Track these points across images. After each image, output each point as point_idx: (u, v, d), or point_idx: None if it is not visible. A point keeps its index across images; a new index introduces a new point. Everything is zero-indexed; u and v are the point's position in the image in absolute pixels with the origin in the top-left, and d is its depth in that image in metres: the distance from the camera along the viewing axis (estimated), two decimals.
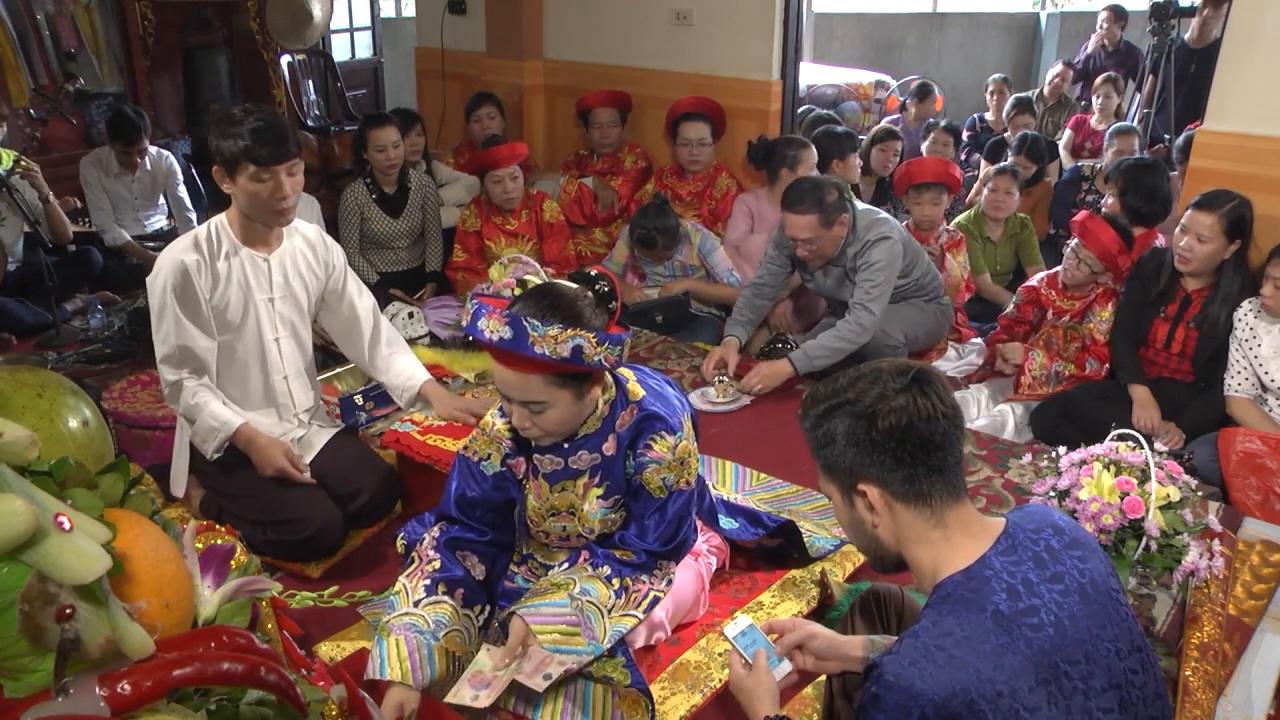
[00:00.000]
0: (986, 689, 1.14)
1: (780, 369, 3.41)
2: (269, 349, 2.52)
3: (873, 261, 3.36)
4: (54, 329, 4.01)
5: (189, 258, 2.34)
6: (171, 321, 2.34)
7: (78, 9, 5.34)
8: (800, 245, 3.42)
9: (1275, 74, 3.16)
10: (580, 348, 1.73)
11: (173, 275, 2.32)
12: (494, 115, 4.87)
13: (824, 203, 3.32)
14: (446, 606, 1.88)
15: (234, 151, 2.26)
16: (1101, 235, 3.31)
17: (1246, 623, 2.06)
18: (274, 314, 2.50)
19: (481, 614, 1.96)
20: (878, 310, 3.35)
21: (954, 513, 1.29)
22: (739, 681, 1.54)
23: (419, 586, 1.90)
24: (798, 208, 3.34)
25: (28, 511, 0.86)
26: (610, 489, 1.99)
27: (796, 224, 3.36)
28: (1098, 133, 5.79)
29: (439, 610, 1.87)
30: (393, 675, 1.76)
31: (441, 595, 1.90)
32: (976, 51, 9.84)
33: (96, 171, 4.56)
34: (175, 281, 2.33)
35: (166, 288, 2.33)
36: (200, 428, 2.40)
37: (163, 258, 2.36)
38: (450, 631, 1.86)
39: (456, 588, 1.92)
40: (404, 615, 1.85)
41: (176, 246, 2.37)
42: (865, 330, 3.36)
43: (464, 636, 1.89)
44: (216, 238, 2.42)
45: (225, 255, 2.41)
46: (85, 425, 1.29)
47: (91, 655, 0.89)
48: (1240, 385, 3.00)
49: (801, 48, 4.69)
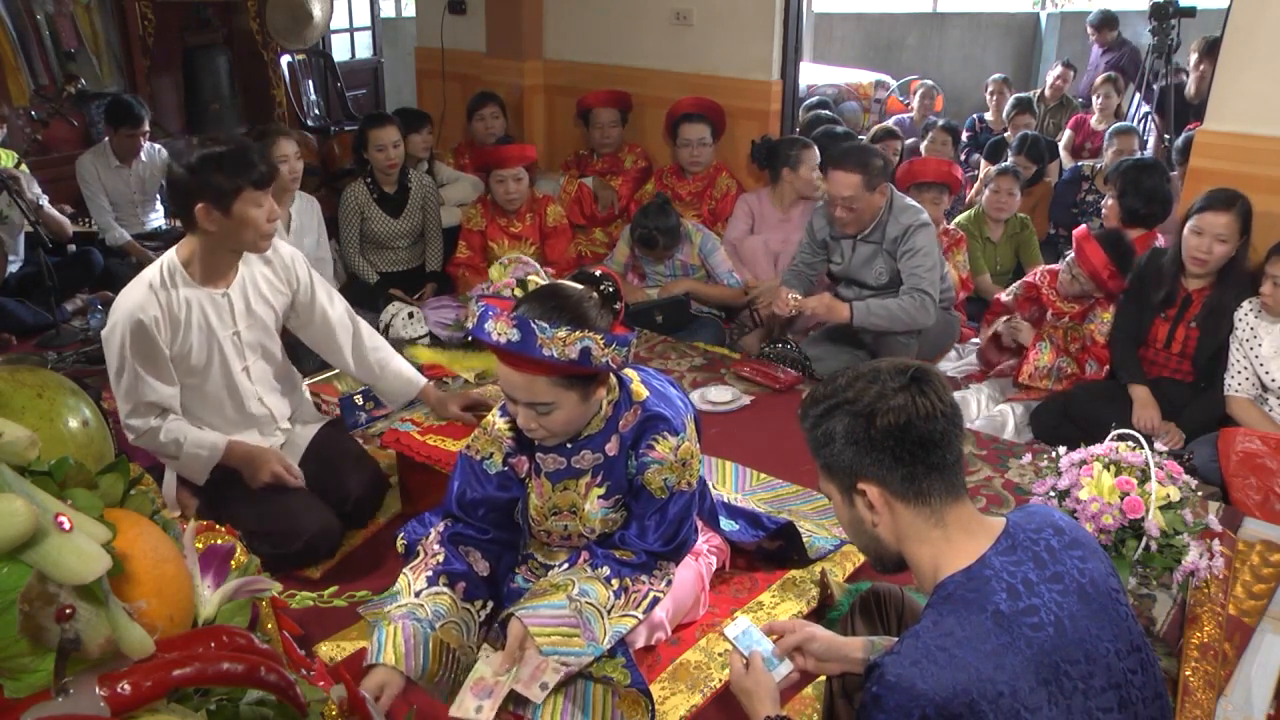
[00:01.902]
0: (987, 689, 1.14)
1: (839, 308, 3.43)
2: (238, 379, 2.45)
3: (919, 247, 3.40)
4: (54, 329, 4.01)
5: (146, 314, 2.22)
6: (131, 377, 2.26)
7: (78, 9, 5.34)
8: (840, 205, 3.44)
9: (1275, 74, 3.16)
10: (588, 349, 1.73)
11: (129, 332, 2.22)
12: (497, 115, 4.87)
13: (869, 165, 3.37)
14: (446, 598, 1.90)
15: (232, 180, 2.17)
16: (1094, 258, 3.31)
17: (1246, 623, 2.06)
18: (240, 345, 2.43)
19: (483, 609, 1.97)
20: (933, 292, 3.38)
21: (954, 512, 1.29)
22: (739, 682, 1.54)
23: (421, 578, 1.92)
24: (844, 165, 3.39)
25: (28, 511, 0.86)
26: (612, 489, 1.99)
27: (841, 181, 3.39)
28: (1098, 133, 5.79)
29: (438, 601, 1.89)
30: (387, 660, 1.77)
31: (442, 586, 1.91)
32: (976, 51, 9.84)
33: (94, 168, 4.56)
34: (132, 338, 2.22)
35: (125, 345, 2.23)
36: (186, 461, 2.35)
37: (116, 312, 2.24)
38: (447, 623, 1.87)
39: (458, 581, 1.93)
40: (404, 604, 1.87)
41: (130, 298, 2.24)
42: (925, 310, 3.37)
43: (461, 629, 1.90)
44: (171, 281, 2.29)
45: (184, 301, 2.30)
46: (85, 425, 1.29)
47: (91, 655, 0.89)
48: (1240, 385, 2.99)
49: (801, 48, 4.69)
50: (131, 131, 4.54)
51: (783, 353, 3.73)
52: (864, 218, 3.47)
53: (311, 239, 3.86)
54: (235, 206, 2.21)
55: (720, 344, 4.01)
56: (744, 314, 4.19)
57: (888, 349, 3.42)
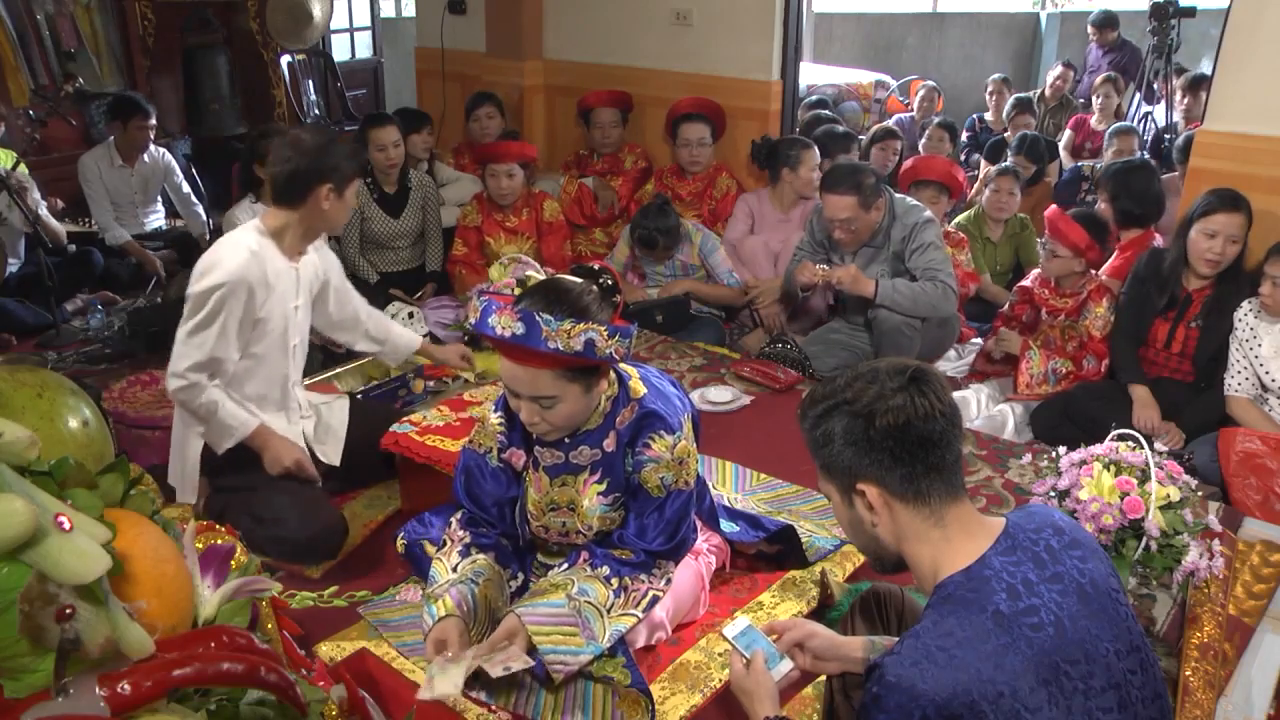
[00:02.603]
0: (987, 689, 1.14)
1: (864, 282, 3.42)
2: (292, 355, 2.57)
3: (927, 241, 3.41)
4: (54, 329, 4.01)
5: (251, 275, 2.32)
6: (215, 334, 2.31)
7: (78, 9, 5.34)
8: (838, 227, 3.46)
9: (1275, 74, 3.16)
10: (593, 341, 1.74)
11: (233, 291, 2.28)
12: (493, 115, 4.87)
13: (863, 185, 3.38)
14: (483, 561, 1.99)
15: (354, 168, 2.43)
16: (1070, 231, 3.32)
17: (1246, 623, 2.06)
18: (297, 322, 2.55)
19: (513, 580, 2.05)
20: (951, 282, 3.40)
21: (953, 512, 1.29)
22: (739, 682, 1.54)
23: (454, 555, 2.00)
24: (838, 189, 3.40)
25: (27, 511, 0.86)
26: (610, 486, 2.00)
27: (837, 204, 3.41)
28: (1098, 133, 5.79)
29: (476, 565, 1.98)
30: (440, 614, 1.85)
31: (476, 554, 2.00)
32: (976, 51, 9.84)
33: (96, 167, 4.56)
34: (231, 296, 2.29)
35: (223, 300, 2.28)
36: (216, 426, 2.41)
37: (216, 269, 2.29)
38: (487, 579, 1.96)
39: (488, 550, 2.02)
40: (447, 581, 1.94)
41: (234, 259, 2.30)
42: (947, 297, 3.37)
43: (498, 588, 1.98)
44: (262, 249, 2.39)
45: (276, 270, 2.42)
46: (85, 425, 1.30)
47: (91, 655, 0.89)
48: (1240, 385, 2.99)
49: (801, 48, 4.69)
50: (141, 123, 4.54)
51: (783, 352, 3.73)
52: (863, 236, 3.49)
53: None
54: (348, 191, 2.44)
55: (720, 344, 4.01)
56: (744, 314, 4.19)
57: (888, 349, 3.42)
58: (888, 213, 3.49)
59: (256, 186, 3.68)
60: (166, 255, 4.65)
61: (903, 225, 3.46)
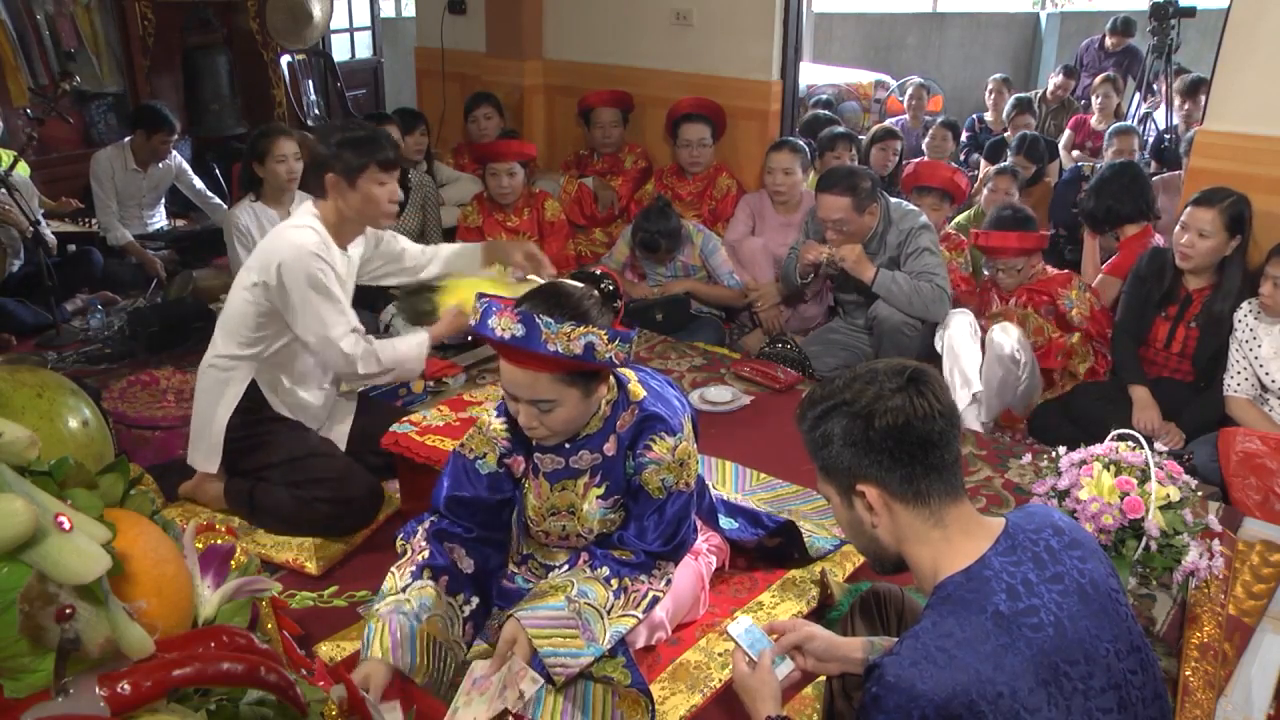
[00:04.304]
0: (987, 690, 1.14)
1: (866, 266, 3.42)
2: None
3: (924, 245, 3.42)
4: (54, 329, 4.01)
5: (327, 255, 2.48)
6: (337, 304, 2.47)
7: (77, 9, 5.34)
8: (830, 228, 3.46)
9: (1275, 74, 3.16)
10: (592, 344, 1.73)
11: (320, 269, 2.44)
12: (491, 115, 4.87)
13: (857, 188, 3.39)
14: (430, 590, 1.90)
15: (361, 158, 2.44)
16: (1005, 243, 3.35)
17: (1246, 623, 2.06)
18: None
19: (466, 604, 1.96)
20: (947, 287, 3.40)
21: (953, 512, 1.29)
22: (743, 680, 1.54)
23: (405, 573, 1.92)
24: (833, 189, 3.41)
25: (27, 511, 0.86)
26: (610, 489, 1.99)
27: (830, 204, 3.41)
28: (1098, 133, 5.79)
29: (423, 594, 1.88)
30: (374, 654, 1.77)
31: (426, 580, 1.91)
32: (976, 51, 9.84)
33: (110, 166, 4.56)
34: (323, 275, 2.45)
35: (328, 278, 2.45)
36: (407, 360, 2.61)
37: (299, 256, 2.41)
38: (433, 615, 1.87)
39: (440, 574, 1.93)
40: (390, 600, 1.86)
41: (307, 243, 2.44)
42: (940, 301, 3.36)
43: (445, 623, 1.90)
44: (321, 234, 2.51)
45: (333, 253, 2.53)
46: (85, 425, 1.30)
47: (91, 655, 0.89)
48: (1240, 385, 3.00)
49: (801, 48, 4.69)
50: (165, 138, 4.58)
51: (782, 352, 3.73)
52: (855, 239, 3.48)
53: None
54: (360, 182, 2.47)
55: (720, 344, 4.01)
56: (744, 314, 4.19)
57: (887, 349, 3.42)
58: (883, 218, 3.48)
59: (257, 186, 3.69)
60: (166, 256, 4.65)
61: (898, 230, 3.46)
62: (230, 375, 2.55)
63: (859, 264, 3.43)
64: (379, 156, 2.47)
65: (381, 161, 2.47)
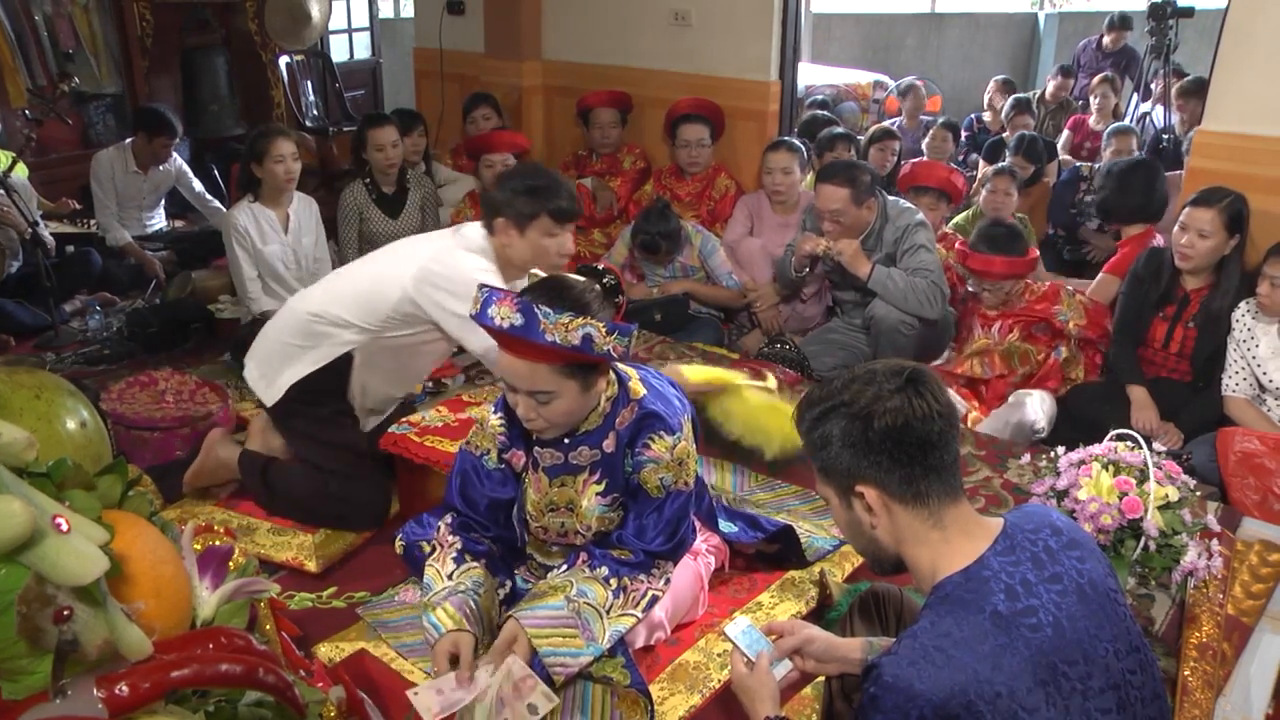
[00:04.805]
0: (985, 690, 1.14)
1: (862, 261, 3.43)
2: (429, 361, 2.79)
3: (920, 242, 3.42)
4: (52, 330, 4.00)
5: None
6: None
7: (76, 10, 5.33)
8: (827, 219, 3.47)
9: (1274, 74, 3.16)
10: (590, 336, 1.74)
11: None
12: (489, 116, 4.86)
13: (857, 180, 3.41)
14: (478, 570, 1.96)
15: (533, 205, 2.42)
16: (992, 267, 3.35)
17: (1245, 622, 2.07)
18: None
19: (501, 588, 2.02)
20: (943, 285, 3.41)
21: (952, 513, 1.29)
22: (742, 681, 1.54)
23: (448, 562, 1.96)
24: (832, 180, 3.43)
25: (25, 513, 0.86)
26: (610, 486, 2.00)
27: (829, 195, 3.42)
28: (1096, 133, 5.79)
29: (473, 573, 1.94)
30: (448, 626, 1.81)
31: (470, 563, 1.97)
32: (975, 52, 9.85)
33: (111, 167, 4.55)
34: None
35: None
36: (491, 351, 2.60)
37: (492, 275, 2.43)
38: (486, 589, 1.94)
39: (481, 558, 1.99)
40: (442, 589, 1.90)
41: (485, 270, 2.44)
42: (934, 299, 3.37)
43: (492, 600, 1.96)
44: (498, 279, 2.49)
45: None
46: (83, 426, 1.30)
47: (89, 657, 0.89)
48: (1238, 385, 3.00)
49: (800, 48, 4.69)
50: (166, 141, 4.58)
51: (781, 353, 3.73)
52: (851, 232, 3.48)
53: (310, 239, 3.86)
54: (529, 231, 2.45)
55: (719, 344, 4.01)
56: (742, 314, 4.19)
57: (885, 349, 3.43)
58: (880, 215, 3.50)
59: (256, 186, 3.68)
60: (165, 256, 4.65)
61: (895, 227, 3.47)
62: (336, 335, 2.52)
63: (855, 259, 3.43)
64: (551, 206, 2.42)
65: (554, 211, 2.43)
